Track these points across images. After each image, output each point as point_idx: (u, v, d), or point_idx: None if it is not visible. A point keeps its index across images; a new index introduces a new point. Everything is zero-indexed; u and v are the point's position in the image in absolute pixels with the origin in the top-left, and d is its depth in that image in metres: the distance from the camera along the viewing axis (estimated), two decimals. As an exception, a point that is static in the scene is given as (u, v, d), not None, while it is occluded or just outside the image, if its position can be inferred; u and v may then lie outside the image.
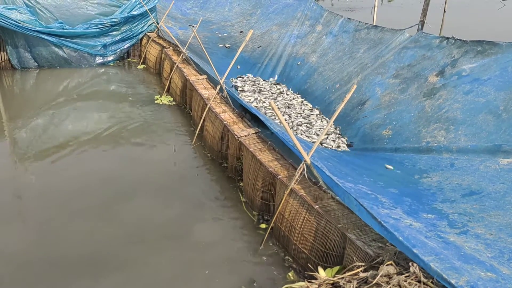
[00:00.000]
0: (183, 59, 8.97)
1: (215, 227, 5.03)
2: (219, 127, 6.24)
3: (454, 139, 5.22)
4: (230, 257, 4.56)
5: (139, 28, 11.25)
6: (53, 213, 5.19)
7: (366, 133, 6.37)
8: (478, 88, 5.52)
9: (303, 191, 4.40)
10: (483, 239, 3.44)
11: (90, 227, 4.98)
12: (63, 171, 6.18)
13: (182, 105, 8.52)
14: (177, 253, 4.60)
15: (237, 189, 5.74)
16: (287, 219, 4.47)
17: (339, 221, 3.97)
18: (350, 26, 8.59)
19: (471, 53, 5.97)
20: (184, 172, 6.22)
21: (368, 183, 4.59)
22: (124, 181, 5.91)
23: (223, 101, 6.93)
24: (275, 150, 5.31)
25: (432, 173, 4.86)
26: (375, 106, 6.64)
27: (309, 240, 4.17)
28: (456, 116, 5.45)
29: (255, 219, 5.12)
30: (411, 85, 6.40)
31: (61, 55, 10.48)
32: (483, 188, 4.24)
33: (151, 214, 5.24)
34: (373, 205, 3.81)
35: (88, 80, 10.19)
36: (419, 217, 3.82)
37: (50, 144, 6.94)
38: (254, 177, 5.17)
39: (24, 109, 8.49)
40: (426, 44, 6.74)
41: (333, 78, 7.97)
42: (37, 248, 4.63)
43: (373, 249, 3.50)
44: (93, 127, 7.55)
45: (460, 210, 3.97)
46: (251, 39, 10.62)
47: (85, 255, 4.53)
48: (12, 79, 10.15)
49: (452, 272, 2.74)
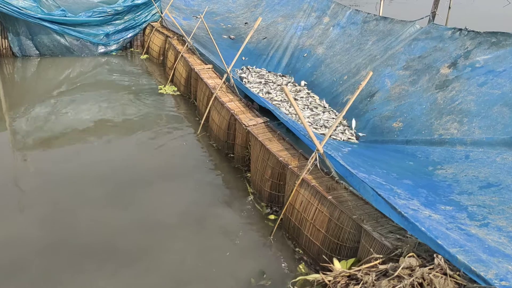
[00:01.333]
0: (187, 48, 8.81)
1: (222, 219, 4.88)
2: (226, 116, 6.08)
3: (468, 132, 5.07)
4: (239, 249, 4.42)
5: (143, 18, 11.07)
6: (58, 201, 5.06)
7: (376, 125, 6.22)
8: (492, 80, 5.37)
9: (315, 181, 4.26)
10: (506, 232, 3.31)
11: (104, 214, 4.88)
12: (66, 161, 6.02)
13: (186, 95, 8.36)
14: (183, 245, 4.47)
15: (244, 179, 5.59)
16: (297, 210, 4.33)
17: (354, 212, 3.83)
18: (358, 18, 8.43)
19: (485, 45, 5.82)
20: (189, 163, 6.06)
21: (381, 174, 4.45)
22: (125, 172, 5.76)
23: (229, 90, 6.78)
24: (284, 140, 5.16)
25: (447, 165, 4.72)
26: (384, 98, 6.49)
27: (321, 231, 4.03)
28: (470, 108, 5.31)
29: (264, 210, 4.98)
30: (422, 77, 6.25)
31: (63, 43, 10.29)
32: (501, 180, 4.10)
33: (158, 205, 5.10)
34: (389, 195, 3.67)
35: (90, 69, 10.01)
36: (437, 209, 3.69)
37: (51, 133, 6.77)
38: (262, 167, 5.03)
39: (25, 98, 8.32)
40: (437, 35, 6.58)
41: (341, 70, 7.82)
42: (54, 236, 4.50)
43: (391, 241, 3.36)
44: (95, 117, 7.37)
45: (478, 202, 3.83)
46: (257, 31, 10.45)
47: (102, 242, 4.45)
48: (13, 67, 9.96)
49: (479, 264, 2.61)
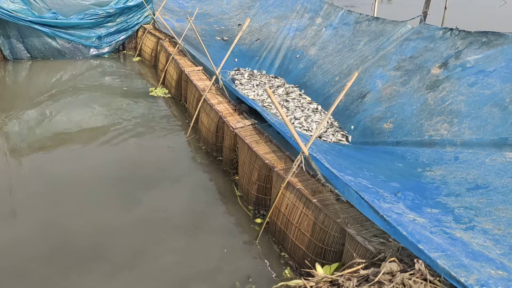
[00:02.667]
0: (178, 50, 8.75)
1: (209, 223, 4.81)
2: (214, 119, 6.02)
3: (458, 132, 5.01)
4: (224, 253, 4.35)
5: (135, 20, 11.01)
6: (45, 204, 5.00)
7: (366, 126, 6.15)
8: (483, 80, 5.31)
9: (301, 184, 4.18)
10: (491, 235, 3.23)
11: (97, 216, 4.87)
12: (56, 164, 5.97)
13: (177, 97, 8.30)
14: (167, 249, 4.39)
15: (232, 182, 5.51)
16: (283, 213, 4.26)
17: (338, 215, 3.76)
18: (351, 18, 8.37)
19: (476, 44, 5.75)
20: (177, 166, 5.99)
21: (369, 177, 4.38)
22: (111, 175, 5.69)
23: (219, 92, 6.71)
24: (271, 142, 5.09)
25: (436, 166, 4.65)
26: (375, 99, 6.42)
27: (306, 235, 3.95)
28: (460, 108, 5.24)
29: (251, 213, 4.90)
30: (413, 78, 6.19)
31: (54, 46, 10.24)
32: (489, 182, 4.03)
33: (143, 208, 5.02)
34: (374, 199, 3.60)
35: (82, 72, 9.95)
36: (422, 212, 3.62)
37: (43, 137, 6.72)
38: (249, 170, 4.96)
39: (17, 101, 8.25)
40: (429, 35, 6.52)
41: (333, 71, 7.75)
42: (54, 237, 4.50)
43: (374, 245, 3.29)
44: (86, 120, 7.32)
45: (466, 204, 3.76)
46: (250, 32, 10.40)
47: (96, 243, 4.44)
48: (4, 70, 9.91)
49: (460, 269, 2.53)
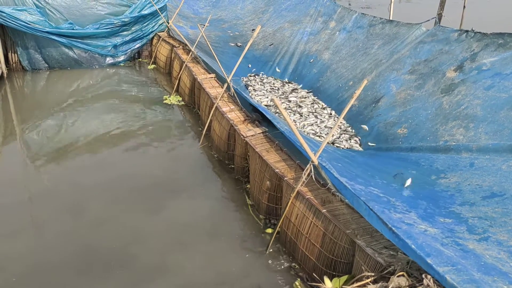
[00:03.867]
0: (192, 58, 8.76)
1: (220, 233, 4.78)
2: (226, 126, 5.99)
3: (474, 138, 4.88)
4: (235, 264, 4.31)
5: (150, 28, 11.08)
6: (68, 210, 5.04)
7: (380, 132, 6.05)
8: (499, 83, 5.16)
9: (311, 193, 4.12)
10: (506, 247, 3.13)
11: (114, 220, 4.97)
12: (73, 171, 6.10)
13: (190, 104, 8.31)
14: (176, 258, 4.38)
15: (243, 191, 5.48)
16: (293, 223, 4.20)
17: (348, 226, 3.69)
18: (364, 22, 8.27)
19: (492, 47, 5.61)
20: (189, 175, 5.97)
21: (381, 185, 4.30)
22: (121, 184, 5.75)
23: (231, 100, 6.68)
24: (282, 150, 5.04)
25: (450, 173, 4.53)
26: (390, 103, 6.32)
27: (316, 246, 3.89)
28: (476, 113, 5.11)
29: (262, 223, 4.86)
30: (427, 81, 6.07)
31: (71, 56, 10.37)
32: (505, 189, 3.90)
33: (153, 217, 5.03)
34: (384, 208, 3.52)
35: (98, 81, 10.05)
36: (435, 222, 3.52)
37: (61, 145, 6.83)
38: (260, 179, 4.91)
39: (36, 111, 8.36)
40: (444, 38, 6.39)
41: (347, 75, 7.67)
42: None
43: (384, 257, 3.21)
44: (102, 129, 7.41)
45: (480, 214, 3.65)
46: (263, 37, 10.37)
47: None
48: (23, 80, 10.07)
49: (470, 285, 2.45)
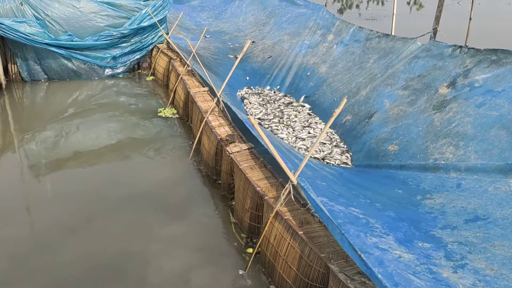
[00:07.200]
0: (187, 70, 8.73)
1: (200, 250, 4.68)
2: (214, 142, 5.92)
3: (464, 156, 4.75)
4: (212, 283, 4.21)
5: (149, 40, 11.10)
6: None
7: (372, 148, 5.94)
8: (491, 100, 5.04)
9: (290, 214, 4.02)
10: (483, 275, 3.00)
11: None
12: (68, 182, 6.13)
13: (184, 117, 8.26)
14: (159, 276, 4.29)
15: (228, 208, 5.39)
16: (272, 244, 4.10)
17: (324, 249, 3.58)
18: (361, 35, 8.19)
19: (485, 63, 5.49)
20: (175, 188, 5.91)
21: (363, 205, 4.18)
22: (110, 196, 5.69)
23: (221, 114, 6.62)
24: (266, 168, 4.95)
25: (437, 194, 4.41)
26: (382, 119, 6.21)
27: (292, 269, 3.78)
28: (466, 131, 4.98)
29: (243, 242, 4.76)
30: (420, 97, 5.96)
31: (70, 67, 10.41)
32: (489, 213, 3.78)
33: (131, 234, 4.95)
34: (360, 232, 3.41)
35: (97, 92, 10.06)
36: (412, 247, 3.40)
37: (59, 156, 6.84)
38: (243, 197, 4.83)
39: (35, 122, 8.38)
40: (438, 53, 6.28)
41: (342, 89, 7.58)
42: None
43: (356, 284, 3.10)
44: (96, 141, 7.38)
45: (461, 239, 3.53)
46: (262, 50, 10.33)
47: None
48: (22, 91, 10.12)
49: (434, 319, 2.33)
